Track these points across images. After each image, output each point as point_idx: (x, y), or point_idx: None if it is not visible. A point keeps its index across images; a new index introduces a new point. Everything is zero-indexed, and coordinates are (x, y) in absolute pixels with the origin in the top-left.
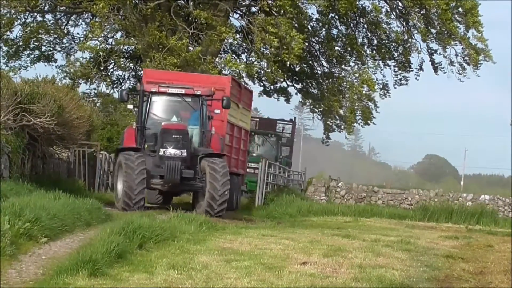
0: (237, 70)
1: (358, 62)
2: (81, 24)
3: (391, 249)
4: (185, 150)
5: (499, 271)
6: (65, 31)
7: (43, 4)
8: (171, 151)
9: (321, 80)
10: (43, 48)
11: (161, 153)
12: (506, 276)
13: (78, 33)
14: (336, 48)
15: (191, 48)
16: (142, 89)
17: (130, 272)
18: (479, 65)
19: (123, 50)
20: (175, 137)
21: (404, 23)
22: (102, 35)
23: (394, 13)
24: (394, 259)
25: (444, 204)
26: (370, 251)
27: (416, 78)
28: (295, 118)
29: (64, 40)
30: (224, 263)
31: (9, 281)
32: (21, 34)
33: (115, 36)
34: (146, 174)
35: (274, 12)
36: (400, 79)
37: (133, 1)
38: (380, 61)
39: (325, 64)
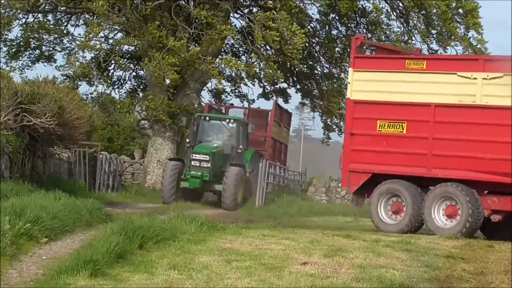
0: (237, 71)
1: None
2: (81, 24)
3: (392, 249)
4: None
5: (500, 271)
6: (66, 31)
7: (44, 4)
8: None
9: (320, 81)
10: (44, 48)
11: None
12: (507, 276)
13: (79, 34)
14: (336, 49)
15: (191, 48)
16: None
17: (131, 272)
18: None
19: (123, 50)
20: None
21: (405, 24)
22: (102, 34)
23: (394, 13)
24: (395, 259)
25: None
26: (371, 251)
27: None
28: (290, 111)
29: (65, 40)
30: (224, 263)
31: (10, 281)
32: (21, 34)
33: (115, 37)
34: None
35: (274, 12)
36: None
37: (134, 1)
38: None
39: (325, 64)
